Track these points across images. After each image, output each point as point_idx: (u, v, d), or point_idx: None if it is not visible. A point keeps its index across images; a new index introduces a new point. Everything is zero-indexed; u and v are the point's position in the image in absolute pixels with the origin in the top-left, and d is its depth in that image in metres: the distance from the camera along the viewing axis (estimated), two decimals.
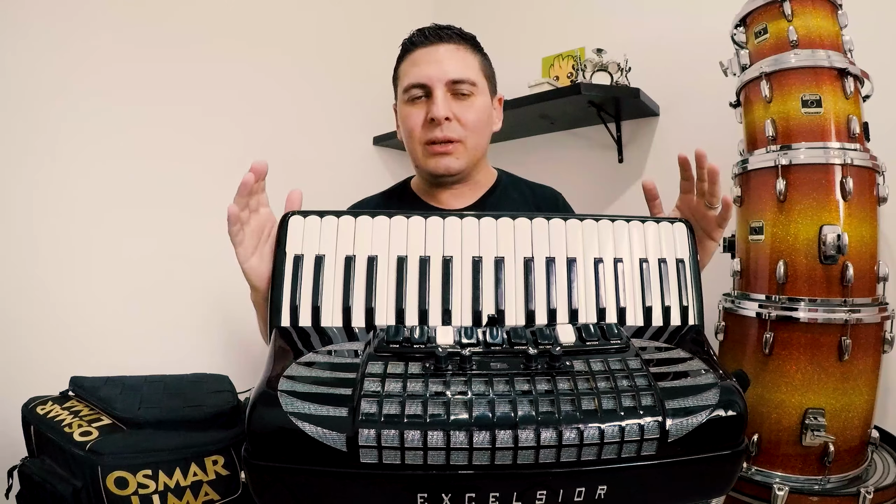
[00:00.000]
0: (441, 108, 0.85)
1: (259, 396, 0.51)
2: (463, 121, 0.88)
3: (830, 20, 1.08)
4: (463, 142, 0.89)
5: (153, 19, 1.42)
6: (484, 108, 0.91)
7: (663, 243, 0.72)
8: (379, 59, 1.48)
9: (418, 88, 0.88)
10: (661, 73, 1.63)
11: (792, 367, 1.01)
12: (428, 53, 0.88)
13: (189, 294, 1.48)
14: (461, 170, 0.91)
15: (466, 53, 0.90)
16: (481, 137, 0.92)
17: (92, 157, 1.31)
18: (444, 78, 0.86)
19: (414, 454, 0.47)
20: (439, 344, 0.56)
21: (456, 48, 0.89)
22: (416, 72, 0.88)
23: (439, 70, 0.86)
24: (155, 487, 0.82)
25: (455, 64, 0.88)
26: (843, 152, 1.01)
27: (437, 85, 0.86)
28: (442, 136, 0.87)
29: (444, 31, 0.90)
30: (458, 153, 0.89)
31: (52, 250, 1.26)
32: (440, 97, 0.86)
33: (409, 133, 0.91)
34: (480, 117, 0.90)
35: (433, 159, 0.89)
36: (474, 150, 0.91)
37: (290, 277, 0.66)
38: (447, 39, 0.89)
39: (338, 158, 1.86)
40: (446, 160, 0.89)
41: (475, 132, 0.90)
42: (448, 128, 0.87)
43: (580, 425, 0.48)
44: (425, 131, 0.88)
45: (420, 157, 0.91)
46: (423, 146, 0.90)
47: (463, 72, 0.88)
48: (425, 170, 0.92)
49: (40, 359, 1.22)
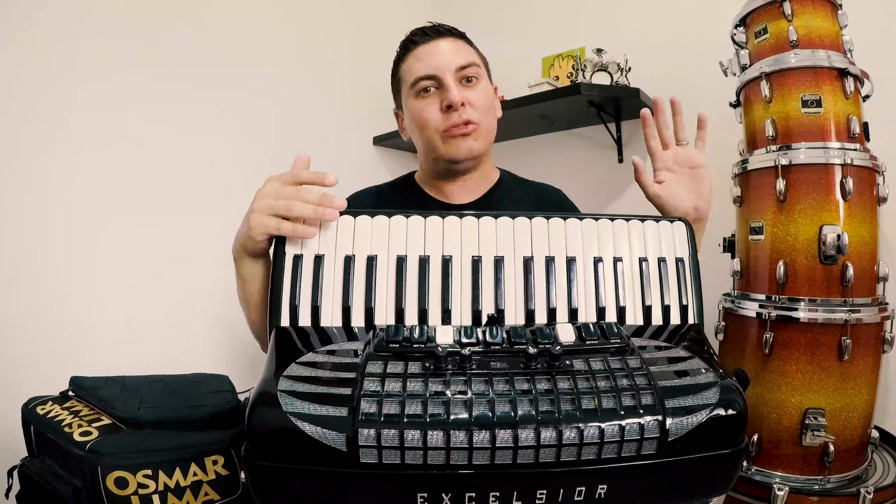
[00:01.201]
0: (456, 94, 0.87)
1: (259, 396, 0.51)
2: (475, 104, 0.90)
3: (830, 20, 1.08)
4: (479, 123, 0.91)
5: (156, 20, 1.42)
6: (489, 91, 0.94)
7: (663, 242, 0.72)
8: (379, 60, 1.48)
9: (428, 80, 0.89)
10: (661, 73, 1.63)
11: (792, 367, 1.01)
12: (430, 48, 0.90)
13: (189, 294, 1.48)
14: (481, 150, 0.93)
15: (464, 45, 0.93)
16: (492, 119, 0.95)
17: (92, 157, 1.31)
18: (451, 66, 0.89)
19: (414, 454, 0.47)
20: (439, 343, 0.56)
21: (454, 40, 0.92)
22: (422, 66, 0.89)
23: (445, 60, 0.89)
24: (155, 487, 0.82)
25: (458, 53, 0.91)
26: (843, 152, 1.01)
27: (446, 74, 0.88)
28: (460, 120, 0.88)
29: (440, 27, 0.93)
30: (476, 135, 0.91)
31: (52, 250, 1.26)
32: (452, 84, 0.88)
33: (423, 126, 0.91)
34: (488, 99, 0.93)
35: (454, 144, 0.90)
36: (488, 133, 0.94)
37: (290, 277, 0.66)
38: (445, 34, 0.92)
39: (338, 158, 1.86)
40: (468, 142, 0.90)
41: (487, 114, 0.92)
42: (465, 112, 0.89)
43: (580, 424, 0.48)
44: (443, 120, 0.89)
45: (440, 146, 0.91)
46: (442, 134, 0.90)
47: (467, 57, 0.91)
48: (446, 157, 0.92)
49: (40, 359, 1.22)
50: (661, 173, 0.83)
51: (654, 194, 0.83)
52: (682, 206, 0.81)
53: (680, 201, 0.81)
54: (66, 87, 1.27)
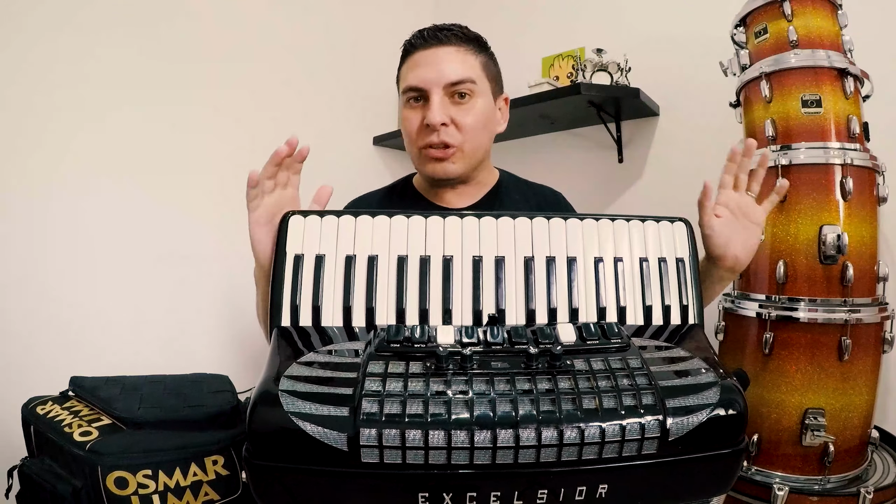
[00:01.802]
0: (437, 114, 0.84)
1: (260, 396, 0.51)
2: (461, 125, 0.86)
3: (830, 20, 1.08)
4: (460, 147, 0.87)
5: (157, 19, 1.42)
6: (484, 109, 0.89)
7: (663, 243, 0.72)
8: (380, 59, 1.48)
9: (415, 92, 0.87)
10: (661, 73, 1.63)
11: (792, 367, 1.01)
12: (426, 56, 0.86)
13: (189, 294, 1.48)
14: (459, 174, 0.89)
15: (467, 55, 0.88)
16: (481, 140, 0.90)
17: (93, 157, 1.31)
18: (441, 81, 0.85)
19: (415, 453, 0.47)
20: (440, 343, 0.56)
21: (456, 50, 0.87)
22: (413, 75, 0.87)
23: (437, 73, 0.85)
24: (155, 487, 0.82)
25: (454, 66, 0.85)
26: (843, 152, 1.01)
27: (433, 89, 0.85)
28: (438, 140, 0.85)
29: (443, 32, 0.87)
30: (455, 158, 0.87)
31: (52, 250, 1.26)
32: (436, 102, 0.84)
33: (407, 136, 0.91)
34: (479, 120, 0.88)
35: (430, 164, 0.89)
36: (473, 154, 0.89)
37: (291, 277, 0.66)
38: (447, 41, 0.87)
39: (338, 158, 1.86)
40: (443, 166, 0.87)
41: (474, 136, 0.88)
42: (445, 133, 0.85)
43: (581, 424, 0.48)
44: (422, 136, 0.87)
45: (417, 162, 0.91)
46: (420, 150, 0.89)
47: (461, 72, 0.85)
48: (423, 173, 0.93)
49: (40, 359, 1.22)
50: (720, 209, 0.78)
51: (707, 223, 0.77)
52: (728, 249, 0.77)
53: (727, 242, 0.77)
54: (67, 86, 1.27)
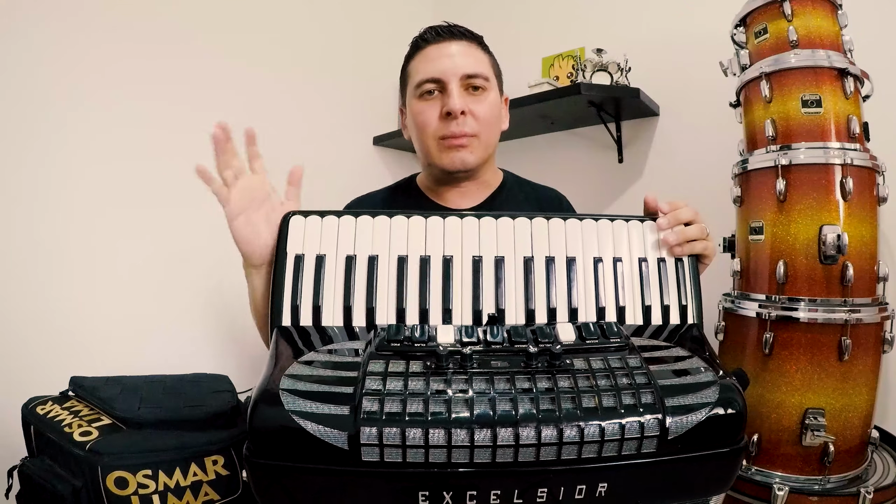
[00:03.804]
0: (457, 102, 0.86)
1: (261, 395, 0.51)
2: (477, 115, 0.88)
3: (830, 20, 1.08)
4: (478, 136, 0.89)
5: (153, 17, 1.42)
6: (496, 103, 0.92)
7: (663, 243, 0.72)
8: (379, 60, 1.48)
9: (432, 83, 0.88)
10: (661, 73, 1.63)
11: (792, 367, 1.01)
12: (440, 49, 0.89)
13: (189, 294, 1.48)
14: (475, 164, 0.91)
15: (477, 51, 0.91)
16: (494, 133, 0.93)
17: (91, 157, 1.31)
18: (458, 72, 0.87)
19: (415, 452, 0.47)
20: (440, 343, 0.56)
21: (468, 45, 0.90)
22: (429, 67, 0.88)
23: (453, 65, 0.87)
24: (155, 487, 0.82)
25: (469, 59, 0.89)
26: (843, 152, 1.01)
27: (451, 79, 0.87)
28: (458, 130, 0.87)
29: (454, 28, 0.91)
30: (472, 147, 0.89)
31: (52, 250, 1.26)
32: (455, 91, 0.86)
33: (422, 129, 0.91)
34: (493, 112, 0.91)
35: (448, 154, 0.89)
36: (487, 145, 0.92)
37: (291, 277, 0.67)
38: (458, 37, 0.90)
39: (338, 158, 1.86)
40: (462, 154, 0.89)
41: (489, 127, 0.91)
42: (464, 122, 0.87)
43: (581, 423, 0.48)
44: (441, 126, 0.88)
45: (434, 153, 0.91)
46: (438, 141, 0.89)
47: (476, 66, 0.89)
48: (439, 165, 0.91)
49: (40, 359, 1.22)
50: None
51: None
52: None
53: None
54: (67, 87, 1.27)
